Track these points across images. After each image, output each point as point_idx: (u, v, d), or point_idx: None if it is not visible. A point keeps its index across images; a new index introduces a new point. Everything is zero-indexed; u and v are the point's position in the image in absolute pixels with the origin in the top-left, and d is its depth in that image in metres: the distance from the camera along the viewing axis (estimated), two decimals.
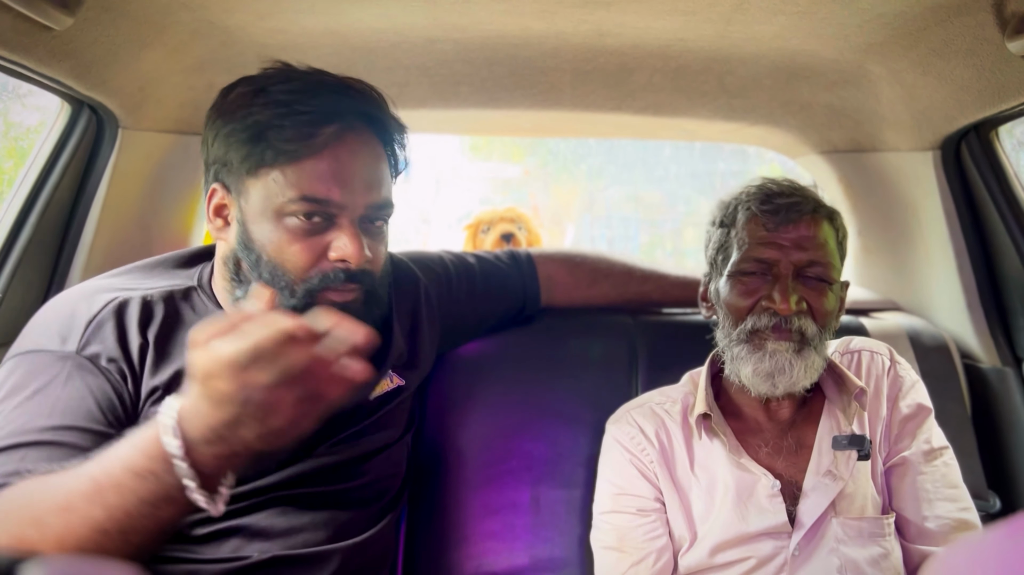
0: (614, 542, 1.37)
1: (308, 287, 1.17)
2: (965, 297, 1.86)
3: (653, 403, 1.47)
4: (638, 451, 1.41)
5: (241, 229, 1.20)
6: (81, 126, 1.62)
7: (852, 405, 1.34)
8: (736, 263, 1.36)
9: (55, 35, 1.28)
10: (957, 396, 1.75)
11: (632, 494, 1.39)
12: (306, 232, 1.17)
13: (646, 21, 1.47)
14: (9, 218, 1.56)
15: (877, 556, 1.28)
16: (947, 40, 1.42)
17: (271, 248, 1.17)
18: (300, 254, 1.17)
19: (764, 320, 1.32)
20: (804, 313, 1.31)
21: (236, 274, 1.22)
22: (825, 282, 1.34)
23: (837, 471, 1.31)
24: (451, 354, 1.70)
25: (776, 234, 1.34)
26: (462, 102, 1.99)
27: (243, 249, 1.19)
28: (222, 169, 1.21)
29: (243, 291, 1.22)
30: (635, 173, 5.44)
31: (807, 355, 1.31)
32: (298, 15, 1.48)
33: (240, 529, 1.20)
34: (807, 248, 1.32)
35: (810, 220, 1.34)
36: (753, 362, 1.31)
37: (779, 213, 1.34)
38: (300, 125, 1.16)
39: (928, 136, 1.77)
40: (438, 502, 1.64)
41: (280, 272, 1.17)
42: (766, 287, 1.33)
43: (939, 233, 1.88)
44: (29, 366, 1.14)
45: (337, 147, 1.18)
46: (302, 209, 1.16)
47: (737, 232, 1.37)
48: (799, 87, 1.81)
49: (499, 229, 2.49)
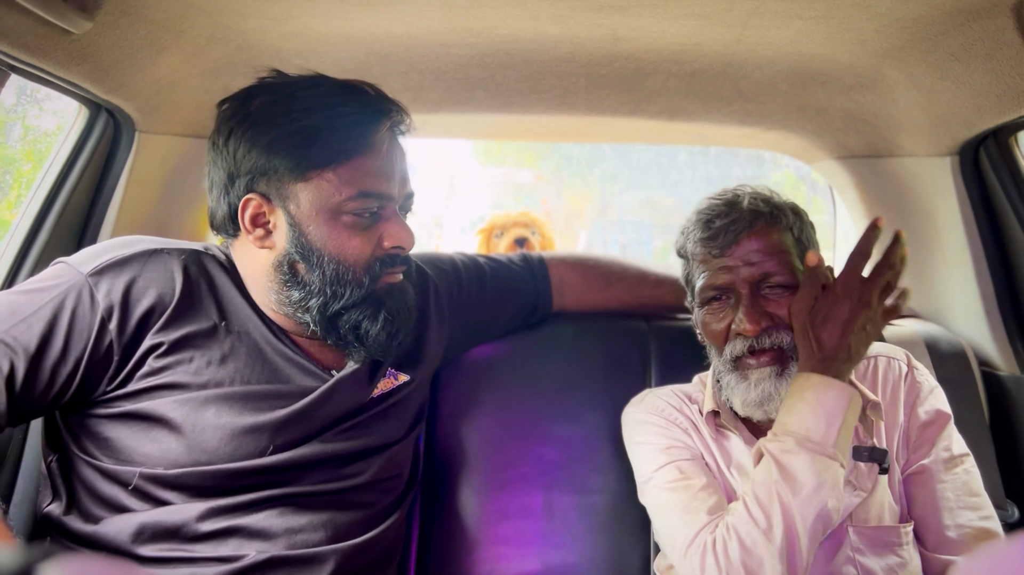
0: (677, 475, 1.33)
1: (372, 275, 1.28)
2: (983, 304, 1.84)
3: (669, 393, 1.48)
4: (672, 418, 1.41)
5: (295, 233, 1.25)
6: (98, 129, 1.64)
7: (869, 417, 1.33)
8: (699, 292, 1.37)
9: (74, 39, 1.29)
10: (975, 404, 1.73)
11: (681, 444, 1.38)
12: (362, 226, 1.27)
13: (661, 25, 1.47)
14: (28, 220, 1.58)
15: (894, 565, 1.26)
16: (966, 44, 1.41)
17: (332, 246, 1.25)
18: (362, 247, 1.27)
19: (739, 346, 1.32)
20: (773, 328, 1.31)
21: (292, 277, 1.27)
22: (788, 288, 1.32)
23: (857, 482, 1.29)
24: (463, 357, 1.70)
25: (723, 258, 1.34)
26: (476, 106, 1.99)
27: (300, 252, 1.25)
28: (260, 178, 1.24)
29: (302, 292, 1.26)
30: (649, 178, 5.43)
31: (790, 372, 1.30)
32: (313, 19, 1.48)
33: (239, 529, 1.21)
34: (756, 262, 1.32)
35: (749, 234, 1.33)
36: (741, 392, 1.32)
37: (718, 237, 1.34)
38: (352, 125, 1.24)
39: (946, 141, 1.76)
40: (451, 506, 1.63)
41: (345, 267, 1.26)
42: (731, 311, 1.33)
43: (957, 239, 1.86)
44: (51, 270, 1.24)
45: (384, 144, 1.27)
46: (360, 205, 1.25)
47: (693, 262, 1.39)
48: (815, 92, 1.80)
49: (513, 233, 2.50)
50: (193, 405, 1.20)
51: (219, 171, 1.29)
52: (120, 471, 1.19)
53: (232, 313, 1.28)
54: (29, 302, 1.17)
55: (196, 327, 1.23)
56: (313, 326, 1.29)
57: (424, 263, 1.58)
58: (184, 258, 1.28)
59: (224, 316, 1.27)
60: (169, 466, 1.19)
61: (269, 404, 1.24)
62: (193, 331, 1.22)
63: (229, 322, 1.27)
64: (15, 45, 1.21)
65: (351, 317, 1.28)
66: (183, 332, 1.22)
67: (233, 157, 1.25)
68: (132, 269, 1.22)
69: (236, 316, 1.28)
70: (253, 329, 1.29)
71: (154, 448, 1.19)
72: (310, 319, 1.28)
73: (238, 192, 1.26)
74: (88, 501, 1.21)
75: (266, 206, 1.26)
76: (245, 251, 1.32)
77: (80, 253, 1.26)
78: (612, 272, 1.79)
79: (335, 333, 1.29)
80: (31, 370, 1.14)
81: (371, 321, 1.29)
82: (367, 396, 1.35)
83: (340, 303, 1.27)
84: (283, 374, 1.28)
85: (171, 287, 1.23)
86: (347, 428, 1.32)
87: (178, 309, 1.22)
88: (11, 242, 1.56)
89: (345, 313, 1.28)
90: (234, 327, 1.27)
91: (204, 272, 1.29)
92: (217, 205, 1.31)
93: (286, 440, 1.25)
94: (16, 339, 1.13)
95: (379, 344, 1.30)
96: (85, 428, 1.22)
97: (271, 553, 1.20)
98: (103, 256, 1.23)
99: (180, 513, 1.19)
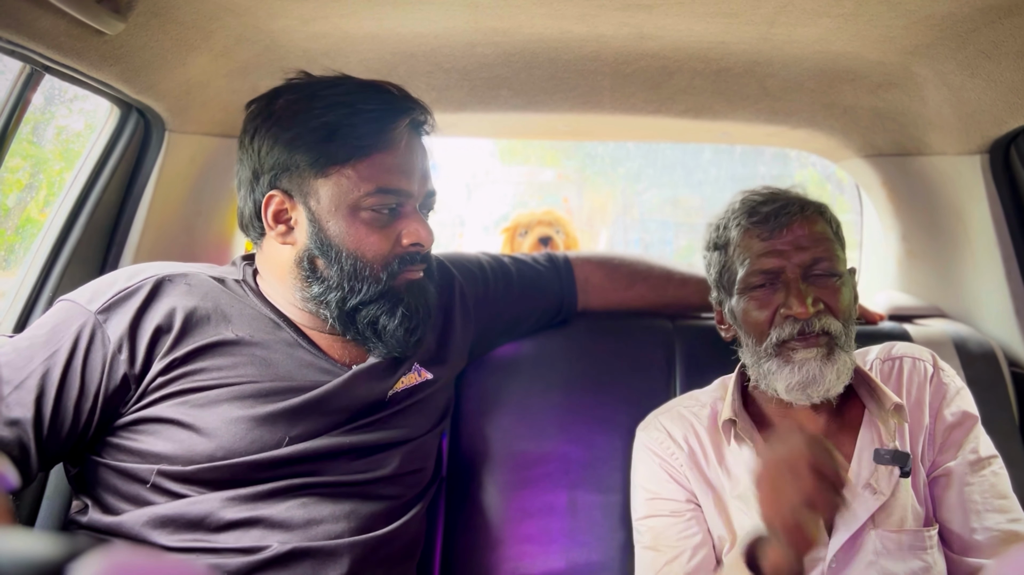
0: (650, 542, 1.37)
1: (390, 272, 1.29)
2: (1013, 303, 1.81)
3: (682, 407, 1.46)
4: (667, 455, 1.40)
5: (315, 229, 1.27)
6: (129, 129, 1.66)
7: (891, 419, 1.31)
8: (743, 279, 1.35)
9: (106, 40, 1.31)
10: (1005, 405, 1.71)
11: (664, 498, 1.38)
12: (381, 222, 1.28)
13: (687, 24, 1.47)
14: (60, 218, 1.60)
15: (918, 570, 1.24)
16: (997, 41, 1.39)
17: (350, 242, 1.27)
18: (380, 244, 1.28)
19: (788, 329, 1.31)
20: (823, 312, 1.30)
21: (312, 272, 1.29)
22: (834, 276, 1.33)
23: (877, 485, 1.28)
24: (488, 355, 1.71)
25: (772, 241, 1.33)
26: (501, 105, 2.00)
27: (320, 247, 1.27)
28: (283, 174, 1.27)
29: (321, 287, 1.29)
30: (674, 176, 5.40)
31: (836, 358, 1.29)
32: (341, 20, 1.50)
33: (261, 520, 1.22)
34: (807, 247, 1.32)
35: (801, 219, 1.34)
36: (784, 376, 1.30)
37: (769, 221, 1.34)
38: (371, 122, 1.25)
39: (976, 139, 1.74)
40: (475, 504, 1.64)
41: (363, 263, 1.27)
42: (779, 296, 1.32)
43: (986, 238, 1.84)
44: (57, 309, 1.26)
45: (403, 141, 1.28)
46: (379, 201, 1.26)
47: (735, 250, 1.37)
48: (842, 90, 1.79)
49: (537, 232, 2.49)
50: (203, 406, 1.22)
51: (246, 169, 1.31)
52: (138, 469, 1.21)
53: (243, 324, 1.30)
54: (45, 346, 1.20)
55: (205, 341, 1.25)
56: (332, 321, 1.31)
57: (450, 263, 1.59)
58: (188, 280, 1.31)
59: (234, 328, 1.28)
60: (186, 462, 1.20)
61: (281, 397, 1.25)
62: (201, 345, 1.24)
63: (239, 333, 1.28)
64: (50, 46, 1.23)
65: (369, 312, 1.30)
66: (190, 348, 1.24)
67: (258, 155, 1.28)
68: (138, 300, 1.25)
69: (248, 326, 1.30)
70: (267, 336, 1.30)
71: (169, 446, 1.21)
72: (328, 314, 1.30)
73: (262, 189, 1.29)
74: (109, 497, 1.24)
75: (288, 202, 1.28)
76: (270, 249, 1.34)
77: (86, 289, 1.28)
78: (637, 271, 1.79)
79: (353, 328, 1.31)
80: (55, 414, 1.17)
81: (389, 316, 1.30)
82: (387, 391, 1.36)
83: (357, 298, 1.28)
84: (297, 374, 1.29)
85: (176, 311, 1.25)
86: (367, 422, 1.33)
87: (183, 330, 1.25)
88: (44, 240, 1.59)
89: (363, 308, 1.29)
90: (245, 336, 1.28)
91: (211, 290, 1.31)
92: (244, 203, 1.33)
93: (303, 431, 1.26)
94: (36, 385, 1.17)
95: (397, 339, 1.31)
96: (101, 437, 1.24)
97: (293, 544, 1.21)
98: (109, 291, 1.25)
99: (202, 504, 1.20)
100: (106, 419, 1.22)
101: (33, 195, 1.96)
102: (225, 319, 1.29)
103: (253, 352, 1.27)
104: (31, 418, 1.15)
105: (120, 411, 1.22)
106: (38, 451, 1.17)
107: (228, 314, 1.29)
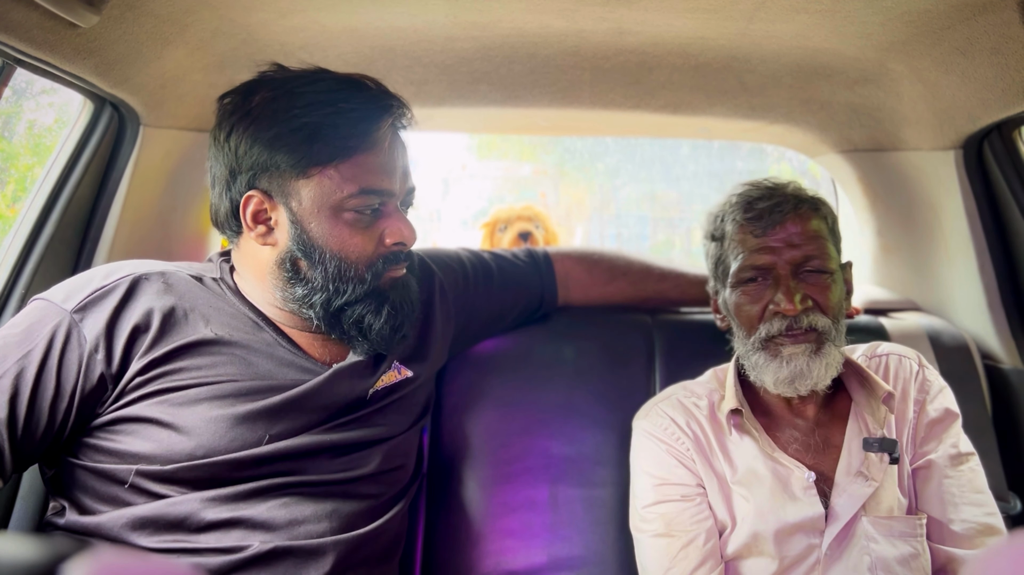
0: (663, 528, 1.37)
1: (375, 272, 1.29)
2: (986, 297, 1.84)
3: (679, 396, 1.47)
4: (673, 441, 1.41)
5: (297, 230, 1.25)
6: (103, 123, 1.63)
7: (881, 408, 1.34)
8: (735, 273, 1.38)
9: (80, 33, 1.29)
10: (977, 397, 1.74)
11: (674, 482, 1.39)
12: (364, 223, 1.27)
13: (667, 19, 1.47)
14: (32, 214, 1.57)
15: (908, 556, 1.28)
16: (971, 38, 1.41)
17: (334, 243, 1.25)
18: (364, 244, 1.28)
19: (776, 325, 1.33)
20: (812, 309, 1.33)
21: (295, 274, 1.28)
22: (825, 273, 1.35)
23: (868, 473, 1.31)
24: (469, 351, 1.70)
25: (765, 238, 1.36)
26: (480, 100, 1.99)
27: (302, 249, 1.26)
28: (262, 174, 1.25)
29: (305, 289, 1.27)
30: (652, 172, 5.42)
31: (825, 353, 1.32)
32: (318, 13, 1.48)
33: (242, 520, 1.21)
34: (798, 245, 1.34)
35: (794, 217, 1.36)
36: (772, 370, 1.33)
37: (763, 217, 1.36)
38: (353, 122, 1.23)
39: (950, 135, 1.76)
40: (456, 500, 1.64)
41: (347, 264, 1.27)
42: (769, 291, 1.35)
43: (960, 233, 1.86)
44: (31, 309, 1.24)
45: (387, 141, 1.27)
46: (362, 202, 1.25)
47: (730, 243, 1.40)
48: (819, 85, 1.80)
49: (516, 227, 2.49)
50: (182, 404, 1.20)
51: (221, 167, 1.29)
52: (116, 470, 1.20)
53: (222, 323, 1.28)
54: (19, 345, 1.18)
55: (184, 341, 1.23)
56: (317, 321, 1.29)
57: (430, 260, 1.59)
58: (165, 278, 1.29)
59: (212, 327, 1.27)
60: (165, 462, 1.19)
61: (262, 395, 1.24)
62: (181, 345, 1.23)
63: (218, 332, 1.26)
64: (22, 39, 1.21)
65: (355, 312, 1.29)
66: (169, 347, 1.22)
67: (235, 153, 1.25)
68: (115, 299, 1.23)
69: (227, 325, 1.28)
70: (246, 335, 1.29)
71: (148, 446, 1.19)
72: (314, 315, 1.29)
73: (240, 188, 1.26)
74: (87, 499, 1.22)
75: (268, 203, 1.26)
76: (248, 248, 1.32)
77: (61, 287, 1.26)
78: (617, 267, 1.80)
79: (339, 328, 1.30)
80: (29, 413, 1.15)
81: (375, 315, 1.29)
82: (368, 389, 1.35)
83: (343, 299, 1.27)
84: (277, 373, 1.28)
85: (154, 310, 1.23)
86: (348, 420, 1.32)
87: (162, 329, 1.23)
88: (16, 237, 1.56)
89: (349, 308, 1.29)
90: (224, 336, 1.27)
91: (189, 289, 1.30)
92: (219, 201, 1.31)
93: (283, 430, 1.25)
94: (10, 385, 1.15)
95: (382, 337, 1.31)
96: (77, 437, 1.23)
97: (275, 543, 1.20)
98: (85, 290, 1.23)
99: (183, 505, 1.19)
100: (82, 419, 1.20)
101: (1, 190, 1.93)
102: (204, 318, 1.27)
103: (233, 351, 1.26)
104: (4, 419, 1.13)
105: (97, 411, 1.20)
106: (12, 452, 1.14)
107: (207, 313, 1.28)
